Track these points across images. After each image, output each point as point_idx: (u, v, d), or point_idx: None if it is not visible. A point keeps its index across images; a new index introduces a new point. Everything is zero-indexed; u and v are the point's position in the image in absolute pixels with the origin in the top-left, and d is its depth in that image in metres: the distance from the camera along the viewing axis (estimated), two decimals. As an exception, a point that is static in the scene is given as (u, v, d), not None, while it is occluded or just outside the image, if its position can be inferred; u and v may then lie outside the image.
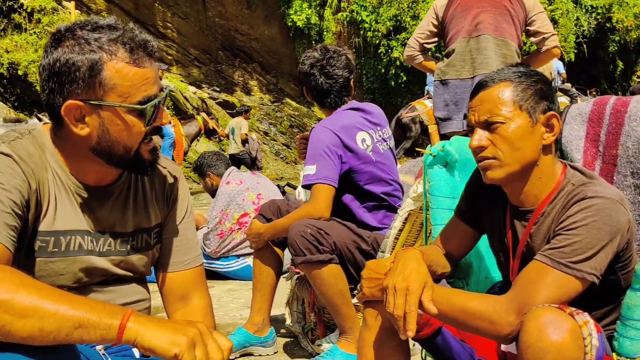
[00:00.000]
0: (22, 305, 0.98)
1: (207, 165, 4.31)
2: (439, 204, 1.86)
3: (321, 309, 2.71)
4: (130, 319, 1.02)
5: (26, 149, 1.21)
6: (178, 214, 1.47)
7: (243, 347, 2.74)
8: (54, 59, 1.17)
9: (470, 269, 1.83)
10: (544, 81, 1.47)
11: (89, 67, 1.16)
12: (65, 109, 1.18)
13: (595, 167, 1.76)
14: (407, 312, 1.34)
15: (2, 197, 1.12)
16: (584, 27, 14.24)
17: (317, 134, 2.56)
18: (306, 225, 2.39)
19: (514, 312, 1.29)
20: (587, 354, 1.19)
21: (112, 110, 1.20)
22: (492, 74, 1.49)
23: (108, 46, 1.18)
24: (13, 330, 0.97)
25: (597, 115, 1.79)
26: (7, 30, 12.41)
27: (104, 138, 1.22)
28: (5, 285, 0.99)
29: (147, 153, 1.28)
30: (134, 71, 1.19)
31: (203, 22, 14.91)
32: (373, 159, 2.60)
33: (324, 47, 2.72)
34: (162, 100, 1.26)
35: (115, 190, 1.34)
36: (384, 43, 14.20)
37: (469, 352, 1.58)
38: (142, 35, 1.22)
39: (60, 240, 1.24)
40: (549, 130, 1.45)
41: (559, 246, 1.32)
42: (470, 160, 1.53)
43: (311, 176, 2.49)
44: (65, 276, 1.26)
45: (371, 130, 2.67)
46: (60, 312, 0.99)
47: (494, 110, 1.43)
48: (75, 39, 1.18)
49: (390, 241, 2.33)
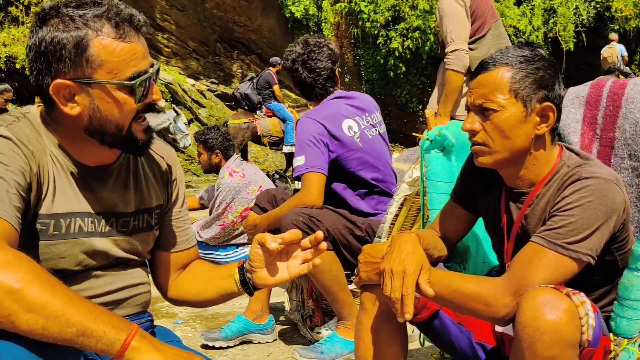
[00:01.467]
0: (31, 298, 0.96)
1: (219, 145, 4.32)
2: (436, 189, 1.86)
3: (319, 296, 2.72)
4: (134, 338, 1.02)
5: (24, 132, 1.20)
6: (178, 195, 1.48)
7: (242, 335, 2.75)
8: (40, 39, 1.15)
9: (467, 253, 1.83)
10: (547, 67, 1.44)
11: (75, 44, 1.14)
12: (53, 89, 1.16)
13: (592, 149, 1.75)
14: (404, 295, 1.34)
15: (8, 179, 1.10)
16: (583, 16, 14.16)
17: (302, 126, 2.58)
18: (298, 214, 2.40)
19: (510, 294, 1.29)
20: (583, 333, 1.20)
21: (102, 88, 1.17)
22: (496, 55, 1.47)
23: (93, 22, 1.15)
24: (16, 321, 0.96)
25: (594, 98, 1.78)
26: (4, 23, 12.34)
27: (95, 117, 1.20)
28: (20, 273, 0.97)
29: (141, 132, 1.27)
30: (121, 46, 1.17)
31: (201, 14, 14.83)
32: (360, 145, 2.60)
33: (305, 41, 2.73)
34: (152, 75, 1.23)
35: (114, 170, 1.33)
36: (383, 34, 14.12)
37: (466, 335, 1.59)
38: (127, 10, 1.20)
39: (61, 222, 1.23)
40: (543, 121, 1.43)
41: (554, 227, 1.32)
42: (467, 144, 1.53)
43: (301, 167, 2.51)
44: (67, 259, 1.25)
45: (357, 117, 2.67)
46: (67, 316, 0.98)
47: (489, 96, 1.42)
48: (59, 16, 1.16)
49: (387, 226, 2.33)
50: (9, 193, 1.09)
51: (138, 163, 1.40)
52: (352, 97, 2.73)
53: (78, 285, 1.27)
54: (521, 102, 1.41)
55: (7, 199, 1.08)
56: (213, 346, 2.70)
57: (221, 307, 3.38)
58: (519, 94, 1.40)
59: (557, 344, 1.16)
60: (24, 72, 11.85)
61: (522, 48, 1.47)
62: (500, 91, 1.41)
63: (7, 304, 0.95)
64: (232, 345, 2.73)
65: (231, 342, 2.73)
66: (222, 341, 2.72)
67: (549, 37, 14.13)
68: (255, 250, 1.31)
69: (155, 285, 1.50)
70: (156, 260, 1.48)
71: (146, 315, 1.45)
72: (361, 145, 2.60)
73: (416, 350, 2.48)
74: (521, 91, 1.40)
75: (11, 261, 0.98)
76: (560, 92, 1.45)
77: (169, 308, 3.41)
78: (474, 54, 3.44)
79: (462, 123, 1.87)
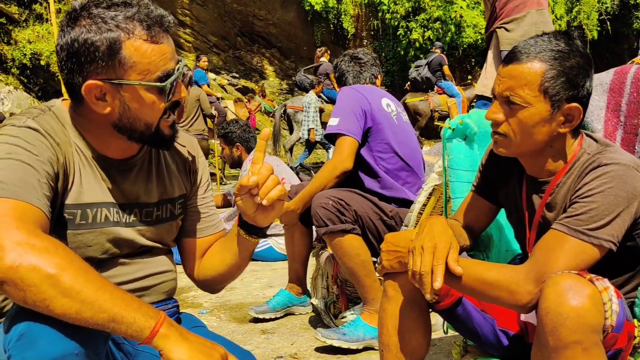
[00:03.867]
0: (66, 284, 1.00)
1: (239, 137, 4.36)
2: (459, 177, 1.86)
3: (344, 282, 2.75)
4: (163, 325, 1.05)
5: (50, 124, 1.23)
6: (201, 183, 1.51)
7: (287, 307, 3.02)
8: (72, 39, 1.17)
9: (490, 242, 1.83)
10: (582, 65, 1.38)
11: (108, 46, 1.16)
12: (85, 89, 1.19)
13: (616, 137, 1.74)
14: (435, 265, 1.33)
15: (38, 168, 1.13)
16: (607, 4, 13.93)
17: (344, 93, 2.69)
18: (327, 197, 2.45)
19: (532, 281, 1.29)
20: (607, 319, 1.19)
21: (132, 88, 1.20)
22: (530, 44, 1.40)
23: (125, 24, 1.17)
24: (52, 305, 0.99)
25: (618, 85, 1.77)
26: (29, 20, 12.54)
27: (125, 115, 1.23)
28: (56, 259, 1.01)
29: (167, 128, 1.30)
30: (152, 48, 1.19)
31: (221, 8, 14.91)
32: (395, 122, 2.69)
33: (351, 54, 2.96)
34: (179, 75, 1.26)
35: (137, 162, 1.37)
36: (403, 25, 14.05)
37: (489, 322, 1.59)
38: (157, 11, 1.22)
39: (87, 212, 1.27)
40: (568, 120, 1.40)
41: (575, 214, 1.31)
42: (490, 133, 1.53)
43: (333, 127, 2.60)
44: (94, 247, 1.28)
45: (394, 102, 2.80)
46: (99, 302, 1.01)
47: (516, 90, 1.38)
48: (91, 17, 1.17)
49: (414, 215, 2.34)
50: (40, 182, 1.12)
51: (160, 154, 1.43)
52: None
53: (105, 273, 1.30)
54: (549, 101, 1.37)
55: (39, 188, 1.11)
56: (263, 318, 2.96)
57: (245, 298, 3.43)
58: (548, 93, 1.36)
59: (580, 329, 1.17)
60: (49, 69, 12.04)
61: (559, 39, 1.40)
62: (529, 87, 1.37)
63: (43, 288, 0.98)
64: (279, 316, 3.00)
65: (278, 313, 2.98)
66: (270, 312, 2.97)
67: (572, 26, 13.93)
68: (239, 202, 1.29)
69: (186, 274, 1.53)
70: (184, 247, 1.51)
71: (172, 302, 1.48)
72: (396, 122, 2.70)
73: (439, 340, 2.49)
74: (551, 90, 1.36)
75: (47, 247, 1.02)
76: (590, 87, 1.41)
77: (194, 298, 3.46)
78: (509, 35, 3.45)
79: (484, 111, 1.87)
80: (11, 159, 1.11)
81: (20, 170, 1.11)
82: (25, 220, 1.04)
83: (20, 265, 0.98)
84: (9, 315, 1.06)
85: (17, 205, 1.06)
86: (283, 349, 2.57)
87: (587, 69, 1.39)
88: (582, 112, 1.40)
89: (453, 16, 12.95)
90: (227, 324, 2.97)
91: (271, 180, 1.24)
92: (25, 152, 1.13)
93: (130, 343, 1.30)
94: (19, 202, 1.06)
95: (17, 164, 1.11)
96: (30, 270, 0.98)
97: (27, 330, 1.00)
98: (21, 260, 0.98)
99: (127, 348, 1.29)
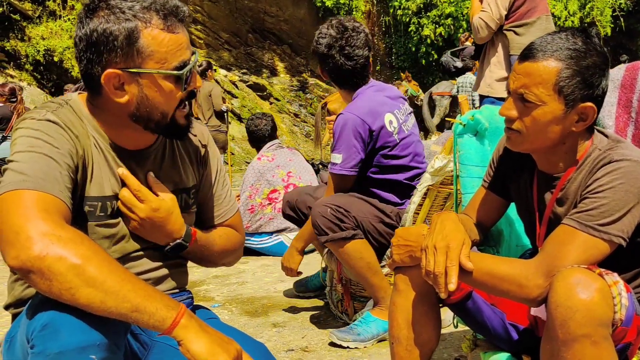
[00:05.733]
0: (91, 274, 1.03)
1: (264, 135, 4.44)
2: (469, 173, 1.87)
3: (348, 281, 2.77)
4: (184, 316, 1.09)
5: (68, 117, 1.26)
6: (211, 170, 1.53)
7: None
8: (91, 30, 1.20)
9: (501, 237, 1.84)
10: (599, 64, 1.36)
11: (126, 35, 1.19)
12: (105, 78, 1.22)
13: (627, 133, 1.75)
14: (449, 266, 1.36)
15: (60, 161, 1.17)
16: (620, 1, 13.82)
17: (343, 121, 2.49)
18: (325, 205, 2.43)
19: (542, 275, 1.30)
20: (616, 312, 1.20)
21: (150, 77, 1.23)
22: (547, 42, 1.38)
23: (142, 14, 1.20)
24: (77, 294, 1.02)
25: (629, 81, 1.77)
26: (43, 17, 12.64)
27: (143, 104, 1.26)
28: (81, 250, 1.04)
29: (182, 118, 1.32)
30: (168, 37, 1.22)
31: (233, 5, 14.94)
32: (397, 141, 2.57)
33: (340, 24, 2.55)
34: (194, 64, 1.29)
35: (152, 153, 1.39)
36: (415, 21, 14.02)
37: (499, 316, 1.60)
38: (172, 1, 1.25)
39: (107, 204, 1.30)
40: (582, 119, 1.40)
41: (586, 209, 1.32)
42: (500, 129, 1.54)
43: (337, 166, 2.52)
44: (112, 239, 1.31)
45: (395, 109, 2.62)
46: (123, 292, 1.04)
47: (531, 88, 1.37)
48: (109, 8, 1.20)
49: (410, 216, 2.35)
50: (61, 174, 1.15)
51: (174, 145, 1.45)
52: (385, 88, 2.69)
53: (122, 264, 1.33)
54: (563, 100, 1.36)
55: (61, 180, 1.14)
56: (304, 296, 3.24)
57: (257, 292, 3.46)
58: (563, 92, 1.36)
59: (589, 322, 1.18)
60: (62, 65, 12.14)
61: (576, 37, 1.38)
62: (544, 85, 1.36)
63: (69, 277, 1.01)
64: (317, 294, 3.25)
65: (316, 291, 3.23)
66: (311, 292, 3.24)
67: (585, 23, 13.82)
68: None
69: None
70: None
71: (187, 293, 1.51)
72: (398, 140, 2.57)
73: (449, 334, 2.50)
74: (566, 89, 1.36)
75: (73, 238, 1.05)
76: (605, 86, 1.40)
77: (206, 292, 3.50)
78: (519, 40, 3.44)
79: (495, 107, 1.88)
80: (34, 152, 1.14)
81: (42, 162, 1.14)
82: (50, 211, 1.07)
83: (47, 255, 1.01)
84: (32, 305, 1.09)
85: (41, 197, 1.09)
86: (294, 342, 2.60)
87: (603, 69, 1.38)
88: (597, 112, 1.39)
89: (465, 12, 12.89)
90: (238, 318, 3.00)
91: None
92: (46, 145, 1.16)
93: (147, 334, 1.33)
94: (43, 194, 1.09)
95: (39, 157, 1.14)
96: (57, 260, 1.01)
97: (50, 320, 1.03)
98: (48, 250, 1.01)
99: (143, 339, 1.32)
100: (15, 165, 1.13)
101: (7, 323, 1.36)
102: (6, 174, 1.12)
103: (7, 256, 1.03)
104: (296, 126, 14.37)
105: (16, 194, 1.08)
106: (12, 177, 1.11)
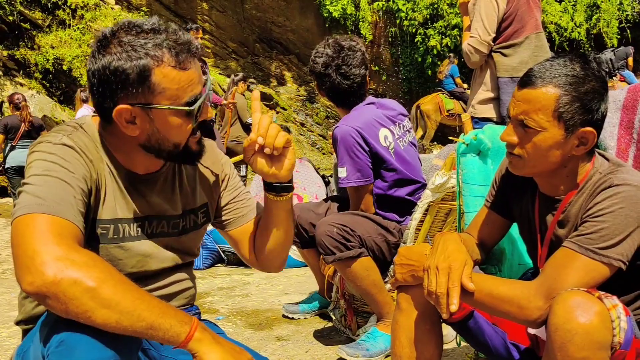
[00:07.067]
0: (106, 296, 1.05)
1: None
2: (472, 192, 1.89)
3: (351, 296, 2.78)
4: (197, 330, 1.13)
5: (83, 141, 1.28)
6: (224, 179, 1.55)
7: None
8: (103, 66, 1.22)
9: (503, 256, 1.86)
10: (597, 89, 1.39)
11: (138, 73, 1.21)
12: (116, 113, 1.24)
13: (629, 154, 1.77)
14: (451, 288, 1.37)
15: (74, 185, 1.19)
16: (627, 12, 13.82)
17: (340, 134, 2.52)
18: (331, 225, 2.44)
19: (542, 297, 1.32)
20: (615, 336, 1.22)
21: (162, 112, 1.25)
22: (545, 68, 1.40)
23: (154, 52, 1.21)
24: (93, 316, 1.05)
25: (631, 102, 1.79)
26: (52, 26, 12.75)
27: (154, 137, 1.28)
28: (95, 272, 1.06)
29: (195, 145, 1.35)
30: (180, 75, 1.23)
31: (240, 14, 15.04)
32: (393, 157, 2.59)
33: (336, 43, 2.59)
34: (206, 96, 1.31)
35: (161, 176, 1.42)
36: (421, 32, 14.06)
37: (501, 335, 1.62)
38: (184, 37, 1.26)
39: (119, 227, 1.32)
40: (582, 144, 1.42)
41: (586, 233, 1.34)
42: (503, 148, 1.56)
43: (344, 179, 2.53)
44: (124, 261, 1.34)
45: (391, 125, 2.65)
46: (137, 312, 1.07)
47: (531, 114, 1.40)
48: (122, 45, 1.22)
49: (412, 232, 2.37)
50: (75, 199, 1.18)
51: (182, 166, 1.47)
52: (383, 104, 2.71)
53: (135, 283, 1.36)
54: (563, 126, 1.39)
55: (75, 204, 1.17)
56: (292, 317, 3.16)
57: (261, 304, 3.48)
58: (563, 118, 1.38)
59: (588, 345, 1.19)
60: (71, 74, 12.24)
61: (574, 63, 1.40)
62: (543, 112, 1.39)
63: (84, 300, 1.04)
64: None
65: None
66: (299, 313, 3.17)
67: (592, 34, 13.82)
68: (252, 164, 1.36)
69: (245, 261, 1.59)
70: (232, 239, 1.56)
71: (194, 309, 1.54)
72: (394, 157, 2.59)
73: (452, 350, 2.51)
74: (565, 115, 1.38)
75: (87, 261, 1.07)
76: (605, 110, 1.42)
77: (210, 304, 3.52)
78: (506, 61, 3.45)
79: (498, 127, 1.91)
80: (49, 176, 1.17)
81: (57, 187, 1.16)
82: (64, 235, 1.10)
83: (62, 279, 1.03)
84: (47, 322, 1.12)
85: (56, 221, 1.11)
86: (298, 357, 2.61)
87: (602, 93, 1.40)
88: (597, 136, 1.42)
89: (471, 23, 12.93)
90: (242, 330, 3.02)
91: (273, 129, 1.32)
92: (62, 169, 1.19)
93: (155, 348, 1.36)
94: (58, 218, 1.12)
95: (54, 181, 1.17)
96: (72, 284, 1.03)
97: (66, 337, 1.06)
98: (62, 275, 1.03)
99: (152, 354, 1.35)
100: (31, 189, 1.15)
101: (16, 333, 1.38)
102: (21, 196, 1.15)
103: (22, 282, 1.05)
104: (302, 135, 14.41)
105: (31, 218, 1.10)
106: (28, 200, 1.13)
